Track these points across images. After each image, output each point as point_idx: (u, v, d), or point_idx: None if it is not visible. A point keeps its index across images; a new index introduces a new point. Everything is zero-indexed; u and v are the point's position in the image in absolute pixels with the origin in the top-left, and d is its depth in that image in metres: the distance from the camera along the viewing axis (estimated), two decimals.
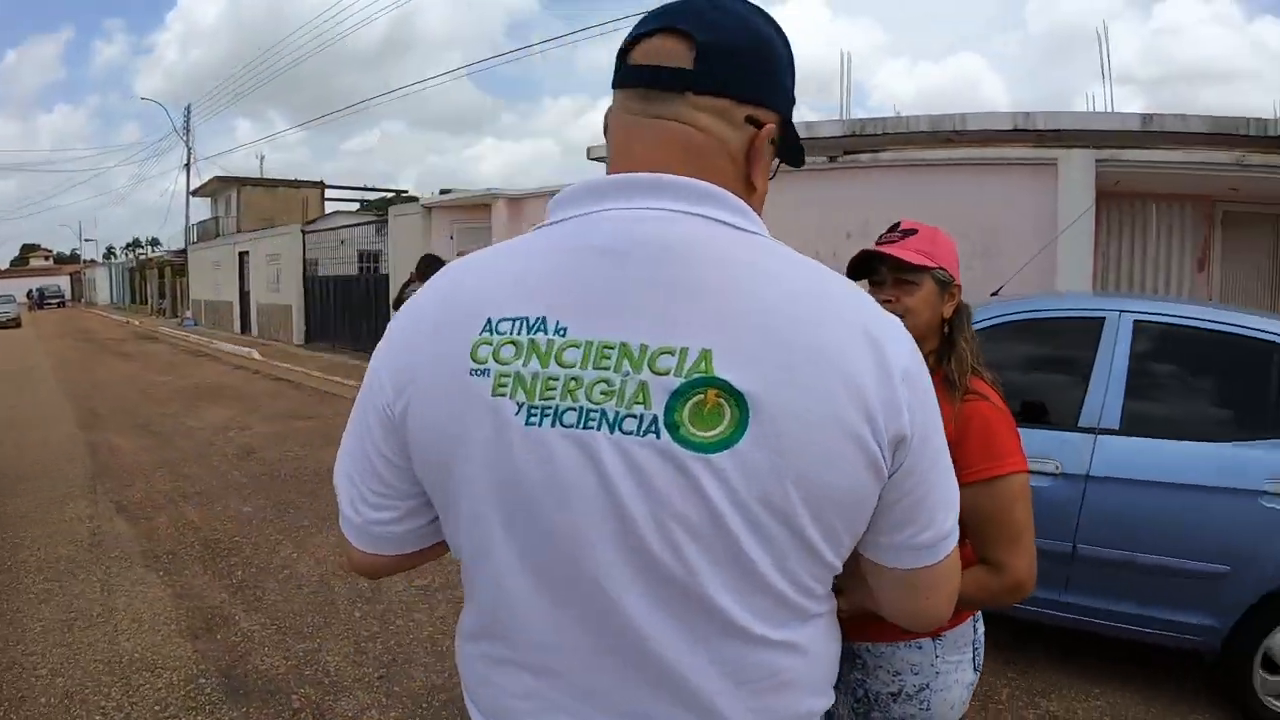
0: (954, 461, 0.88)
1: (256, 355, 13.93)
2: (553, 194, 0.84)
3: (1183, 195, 7.47)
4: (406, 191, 26.25)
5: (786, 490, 0.67)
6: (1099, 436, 3.04)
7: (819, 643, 0.78)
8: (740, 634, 0.71)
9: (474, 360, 0.71)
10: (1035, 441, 2.96)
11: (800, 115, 0.90)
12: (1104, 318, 3.22)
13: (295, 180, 28.43)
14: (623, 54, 0.79)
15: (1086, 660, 3.16)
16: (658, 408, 0.66)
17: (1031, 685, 3.02)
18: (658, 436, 0.66)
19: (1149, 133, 9.17)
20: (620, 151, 0.77)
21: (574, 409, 0.68)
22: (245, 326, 19.75)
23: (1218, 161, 6.26)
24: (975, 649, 1.61)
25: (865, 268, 1.60)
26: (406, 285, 6.22)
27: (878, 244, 1.58)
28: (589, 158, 14.76)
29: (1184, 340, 3.20)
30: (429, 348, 0.74)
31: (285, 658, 2.99)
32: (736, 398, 0.65)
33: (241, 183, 27.45)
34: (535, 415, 0.69)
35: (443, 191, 12.64)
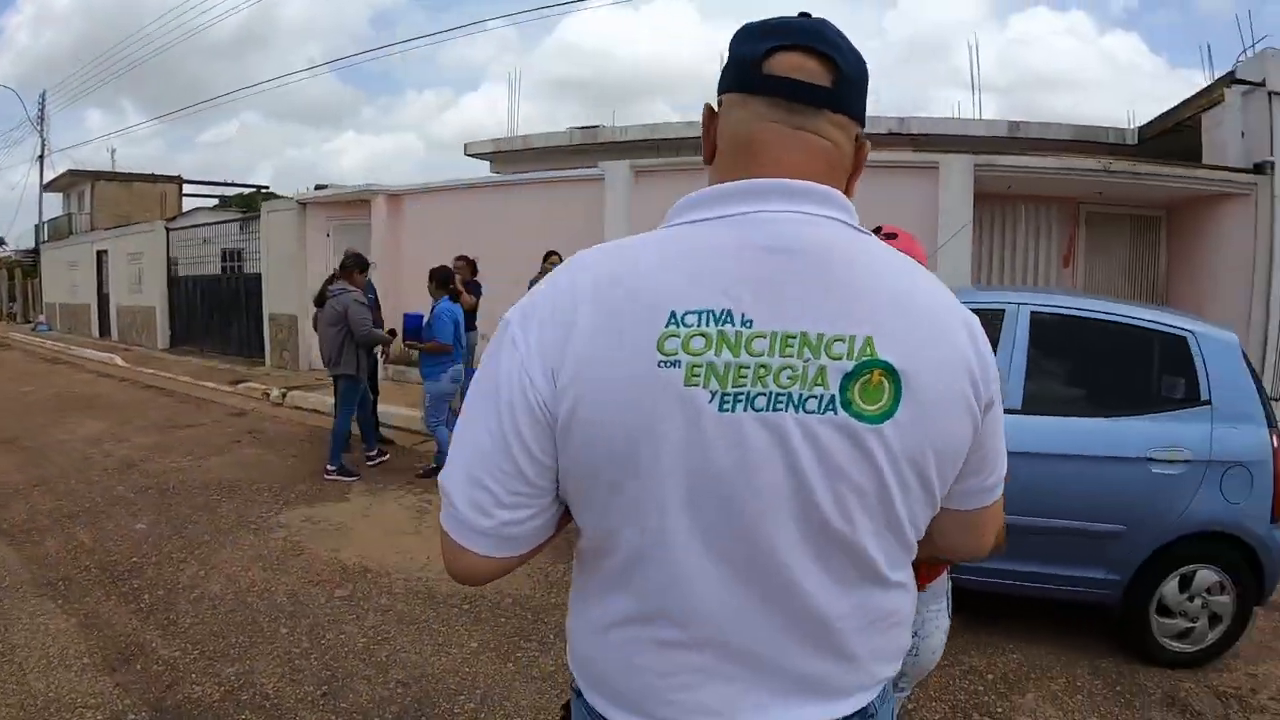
0: None
1: (120, 361, 12.84)
2: (440, 189, 0.86)
3: (1050, 197, 8.12)
4: (268, 187, 24.84)
5: (925, 450, 0.80)
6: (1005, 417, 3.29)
7: (912, 581, 0.91)
8: (879, 579, 0.84)
9: (661, 353, 0.75)
10: None
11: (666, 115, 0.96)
12: (1004, 310, 3.50)
13: (153, 175, 26.34)
14: (753, 61, 0.84)
15: (1003, 619, 3.43)
16: (834, 388, 0.76)
17: (953, 644, 3.23)
18: (835, 413, 0.76)
19: (1015, 138, 9.95)
20: (765, 156, 0.84)
21: (764, 394, 0.76)
22: (105, 330, 18.16)
23: (1086, 167, 6.85)
24: (948, 598, 1.76)
25: None
26: (330, 283, 5.96)
27: None
28: (466, 154, 14.55)
29: (1075, 329, 3.52)
30: (599, 343, 0.77)
31: (217, 684, 2.79)
32: (894, 376, 0.77)
33: (96, 177, 25.19)
34: (729, 402, 0.75)
35: (318, 187, 11.98)
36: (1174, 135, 8.80)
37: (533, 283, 7.16)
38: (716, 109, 0.90)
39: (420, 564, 3.97)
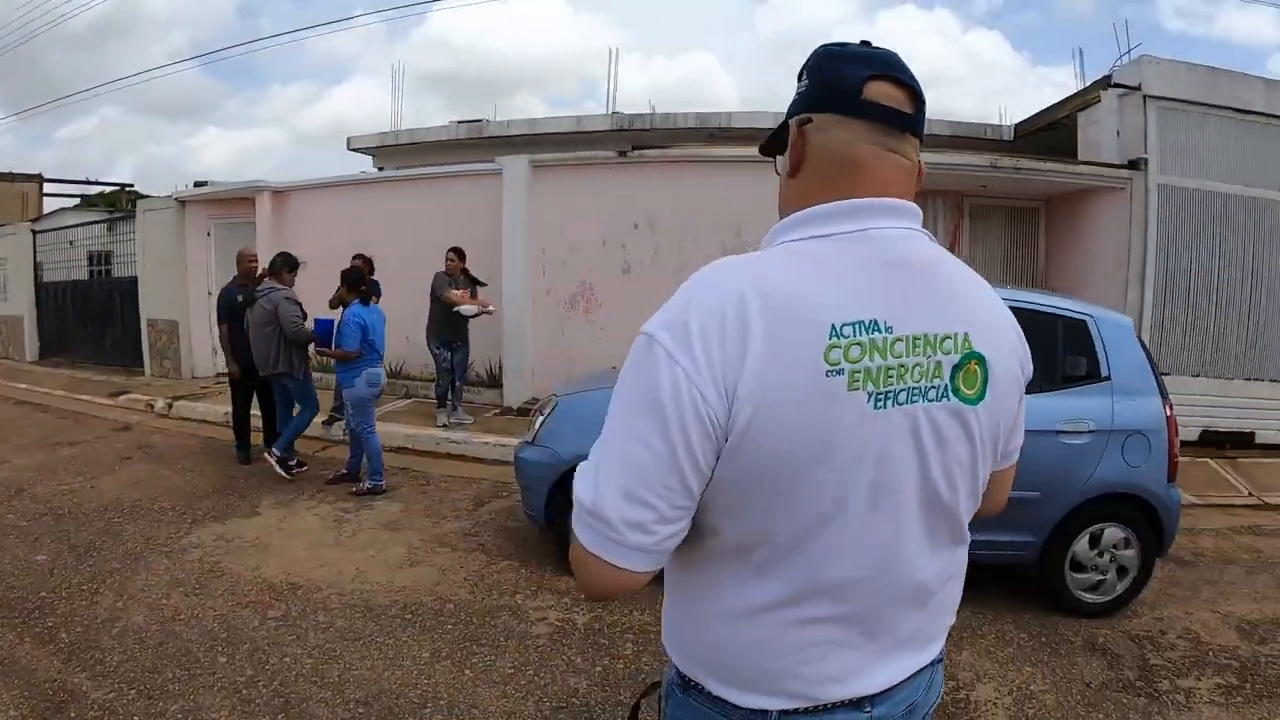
0: None
1: None
2: (329, 185, 0.87)
3: (937, 191, 8.57)
4: (133, 185, 23.07)
5: (999, 423, 0.98)
6: None
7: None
8: (961, 539, 1.01)
9: (827, 363, 0.84)
10: None
11: (552, 110, 1.03)
12: None
13: (11, 173, 23.96)
14: (853, 88, 0.94)
15: None
16: (946, 378, 0.91)
17: None
18: (948, 400, 0.91)
19: None
20: (866, 175, 0.94)
21: (905, 389, 0.88)
22: None
23: (977, 163, 7.29)
24: None
25: None
26: (258, 284, 5.76)
27: None
28: (349, 148, 14.03)
29: None
30: (773, 359, 0.83)
31: None
32: (984, 364, 0.94)
33: None
34: (881, 400, 0.87)
35: (198, 184, 11.25)
36: (1048, 133, 9.44)
37: (440, 280, 7.01)
38: (801, 126, 0.98)
39: (350, 576, 3.84)
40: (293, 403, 5.81)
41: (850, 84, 0.94)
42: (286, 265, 5.75)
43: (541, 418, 4.03)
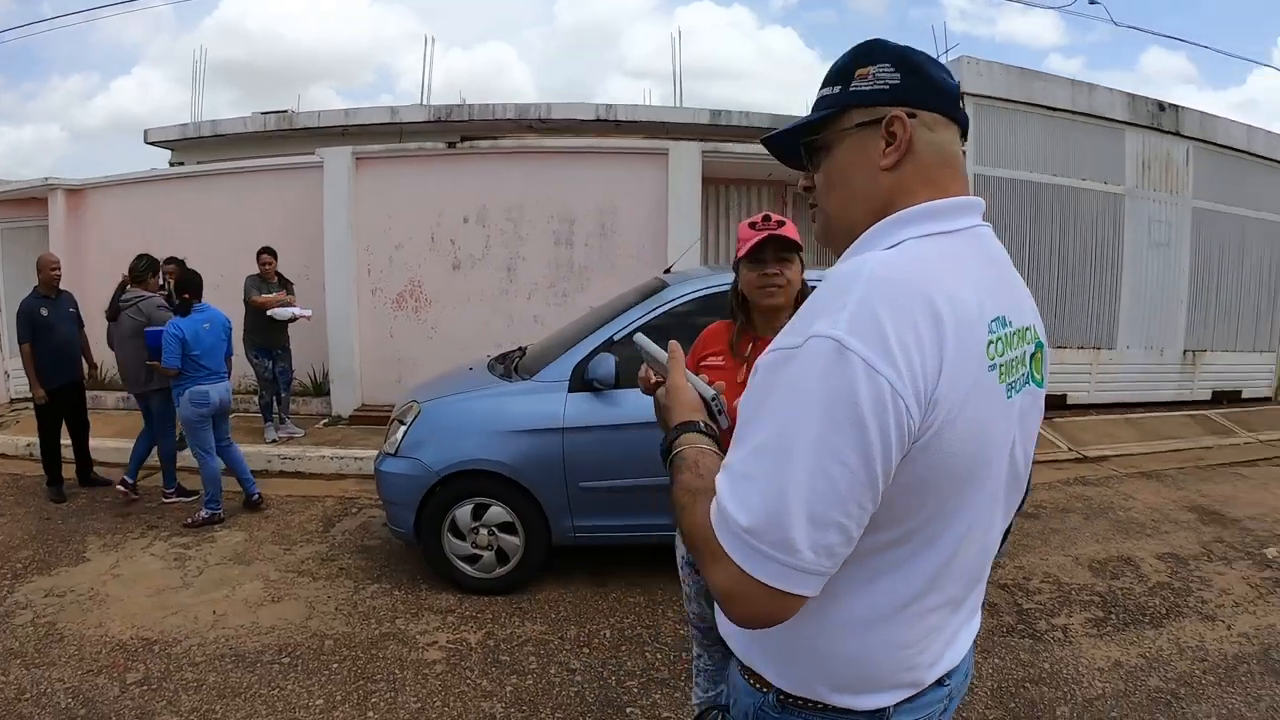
0: None
1: None
2: (130, 183, 0.96)
3: (762, 181, 9.15)
4: None
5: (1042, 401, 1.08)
6: None
7: None
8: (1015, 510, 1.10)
9: (988, 358, 0.91)
10: None
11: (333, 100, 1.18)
12: None
13: None
14: (955, 95, 1.02)
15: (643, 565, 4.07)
16: (1028, 367, 1.00)
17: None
18: (1029, 385, 1.01)
19: (716, 125, 10.94)
20: (959, 176, 1.02)
21: (1017, 379, 0.98)
22: None
23: None
24: None
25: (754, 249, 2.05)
26: (120, 293, 5.26)
27: (773, 231, 2.02)
28: (147, 142, 12.54)
29: None
30: (959, 360, 0.86)
31: None
32: (1044, 351, 1.05)
33: None
34: (1011, 391, 0.96)
35: None
36: None
37: (249, 284, 6.51)
38: (909, 118, 0.97)
39: (208, 622, 3.57)
40: (161, 424, 5.27)
41: (953, 90, 1.01)
42: (151, 270, 5.29)
43: (404, 427, 3.90)
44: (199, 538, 4.65)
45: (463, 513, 3.76)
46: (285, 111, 11.63)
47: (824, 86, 1.05)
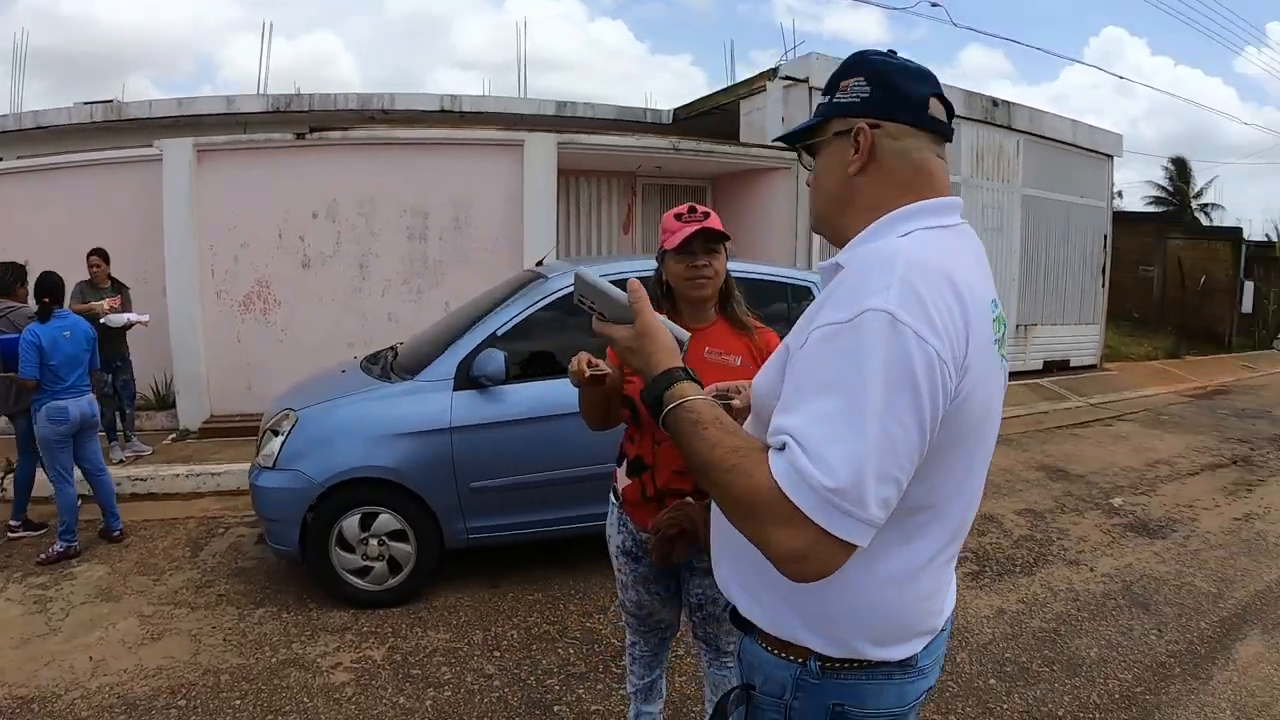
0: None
1: None
2: None
3: (613, 172, 9.17)
4: None
5: None
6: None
7: None
8: None
9: (993, 333, 1.05)
10: None
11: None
12: None
13: None
14: (920, 103, 1.11)
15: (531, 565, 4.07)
16: (1000, 339, 1.09)
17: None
18: (1003, 358, 1.11)
19: (562, 117, 10.87)
20: (937, 179, 1.13)
21: (1003, 354, 1.11)
22: None
23: (659, 145, 7.89)
24: None
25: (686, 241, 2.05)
26: None
27: (702, 223, 2.03)
28: None
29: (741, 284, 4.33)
30: (969, 331, 0.98)
31: None
32: (1005, 332, 1.13)
33: None
34: (1003, 361, 1.11)
35: None
36: (707, 117, 10.53)
37: (77, 290, 5.83)
38: (872, 128, 1.10)
39: (87, 671, 3.13)
40: (24, 447, 4.61)
41: (918, 99, 1.11)
42: (18, 279, 4.70)
43: (280, 437, 3.60)
44: (56, 575, 4.09)
45: (350, 523, 3.53)
46: (111, 101, 10.57)
47: (822, 95, 1.19)
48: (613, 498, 2.31)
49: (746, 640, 1.22)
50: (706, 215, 2.10)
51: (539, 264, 4.82)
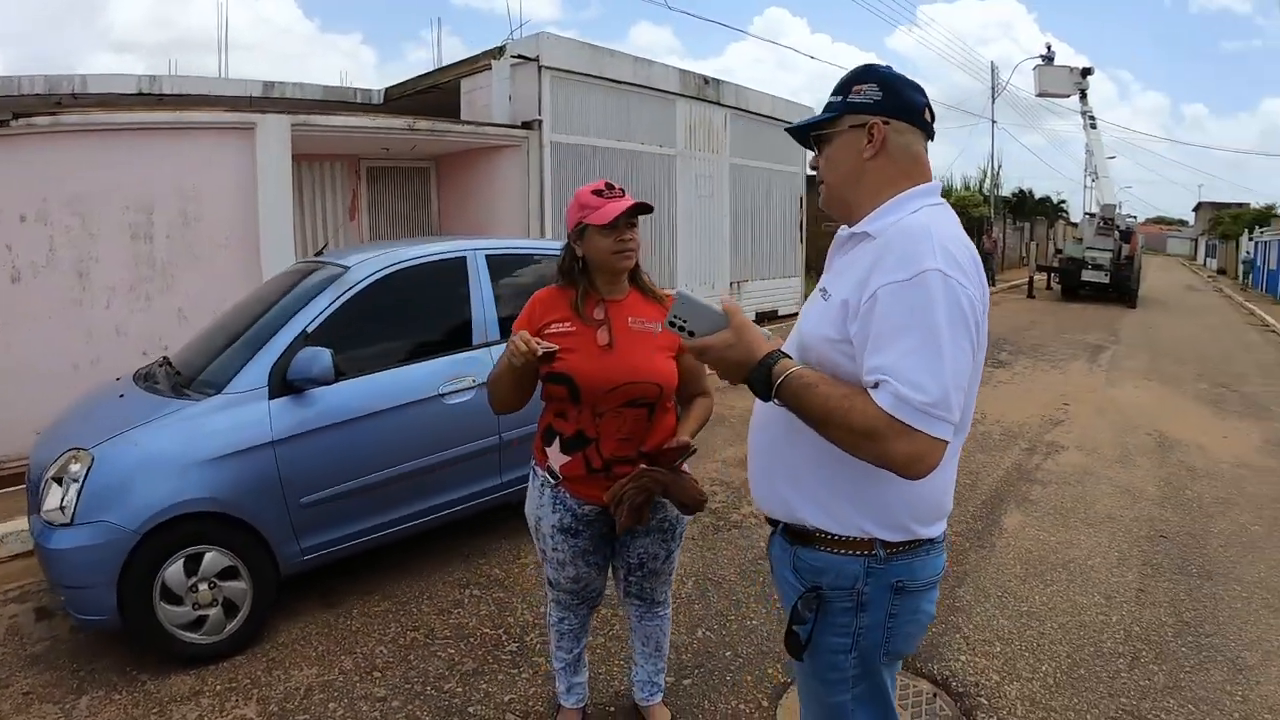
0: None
1: None
2: None
3: (336, 155, 8.51)
4: None
5: None
6: (491, 348, 3.86)
7: None
8: None
9: (984, 280, 1.36)
10: (454, 366, 3.77)
11: None
12: (465, 256, 4.01)
13: None
14: (921, 110, 1.44)
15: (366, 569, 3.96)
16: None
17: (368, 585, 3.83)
18: None
19: (270, 98, 9.86)
20: (927, 168, 1.46)
21: None
22: None
23: (395, 126, 7.44)
24: None
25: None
26: None
27: (624, 198, 2.12)
28: None
29: (515, 262, 4.33)
30: (978, 278, 1.32)
31: None
32: None
33: None
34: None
35: None
36: (424, 96, 10.10)
37: None
38: (885, 124, 1.41)
39: None
40: None
41: (919, 106, 1.44)
42: None
43: (74, 485, 2.88)
44: None
45: (174, 571, 2.97)
46: None
47: (832, 95, 1.48)
48: (543, 479, 2.27)
49: (804, 551, 1.48)
50: (623, 191, 2.15)
51: (318, 254, 4.44)
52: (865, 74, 1.45)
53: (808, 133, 1.52)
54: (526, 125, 8.63)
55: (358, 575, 3.78)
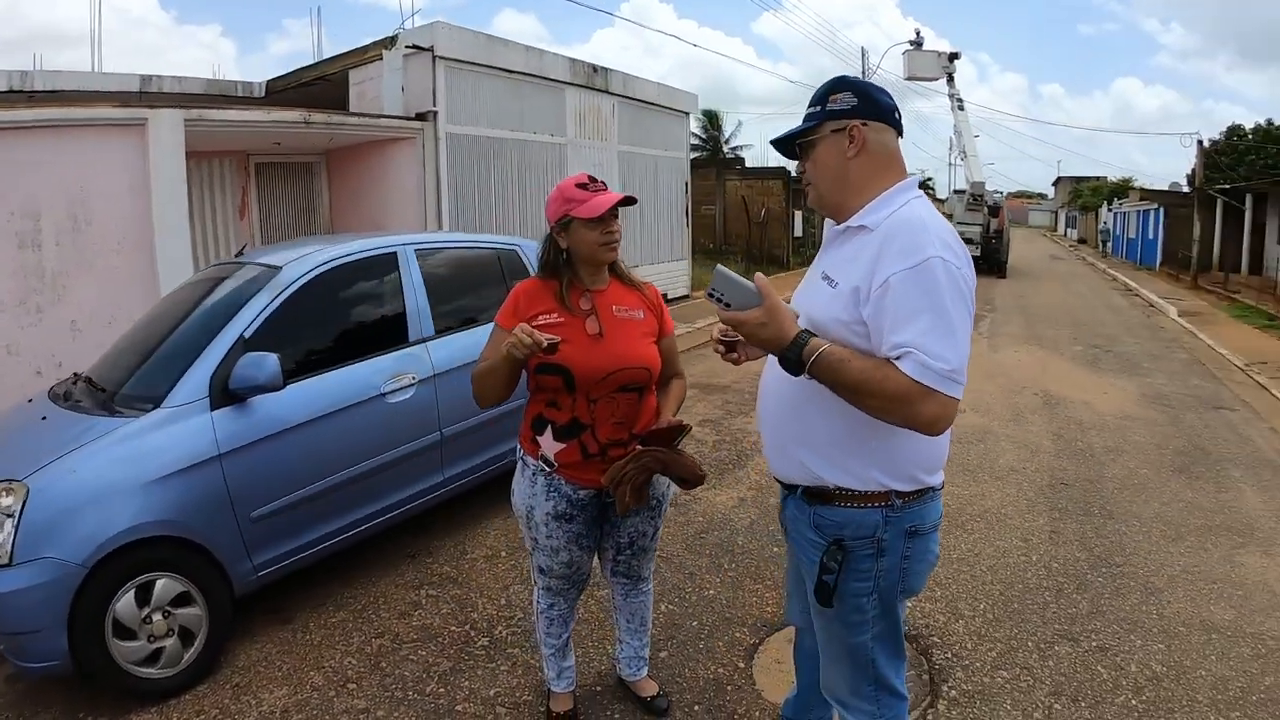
0: (660, 323, 2.31)
1: None
2: None
3: (224, 152, 8.05)
4: None
5: None
6: (428, 343, 3.85)
7: None
8: None
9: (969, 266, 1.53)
10: (394, 364, 3.76)
11: None
12: (396, 252, 3.96)
13: None
14: (896, 113, 1.63)
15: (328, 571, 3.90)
16: None
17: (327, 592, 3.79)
18: None
19: (148, 92, 9.22)
20: (903, 163, 1.66)
21: None
22: None
23: (290, 119, 7.10)
24: None
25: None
26: None
27: (606, 191, 2.21)
28: None
29: (449, 257, 4.35)
30: (967, 258, 1.50)
31: None
32: None
33: None
34: None
35: None
36: (307, 88, 9.65)
37: None
38: (863, 125, 1.59)
39: None
40: None
41: (890, 107, 1.62)
42: None
43: (9, 522, 2.61)
44: None
45: (125, 603, 2.77)
46: None
47: (810, 106, 1.65)
48: (535, 468, 2.30)
49: (823, 509, 1.66)
50: (604, 184, 2.22)
51: (239, 255, 4.26)
52: (840, 84, 1.63)
53: (793, 142, 1.69)
54: (420, 117, 8.43)
55: (306, 588, 3.65)
